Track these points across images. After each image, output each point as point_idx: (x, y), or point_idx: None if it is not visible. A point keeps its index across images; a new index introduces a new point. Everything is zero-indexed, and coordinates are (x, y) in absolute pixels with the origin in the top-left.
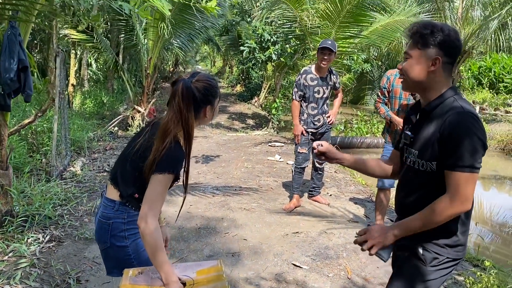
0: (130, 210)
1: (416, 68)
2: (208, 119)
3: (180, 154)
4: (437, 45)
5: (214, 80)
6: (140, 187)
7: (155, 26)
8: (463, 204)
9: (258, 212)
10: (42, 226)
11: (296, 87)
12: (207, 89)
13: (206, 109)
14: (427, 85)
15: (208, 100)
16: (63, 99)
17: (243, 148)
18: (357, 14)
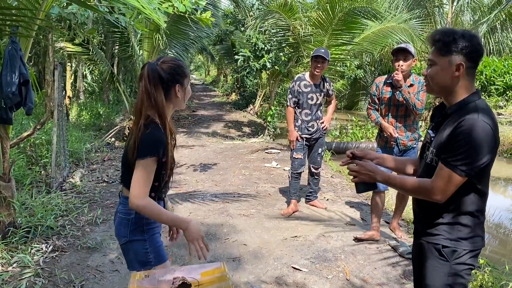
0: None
1: (441, 74)
2: (181, 99)
3: (158, 135)
4: (460, 51)
5: (180, 61)
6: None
7: (150, 37)
8: (437, 196)
9: (257, 218)
10: (45, 236)
11: (291, 94)
12: (173, 69)
13: (175, 88)
14: (451, 90)
15: (175, 79)
16: (61, 111)
17: (240, 155)
18: (349, 21)
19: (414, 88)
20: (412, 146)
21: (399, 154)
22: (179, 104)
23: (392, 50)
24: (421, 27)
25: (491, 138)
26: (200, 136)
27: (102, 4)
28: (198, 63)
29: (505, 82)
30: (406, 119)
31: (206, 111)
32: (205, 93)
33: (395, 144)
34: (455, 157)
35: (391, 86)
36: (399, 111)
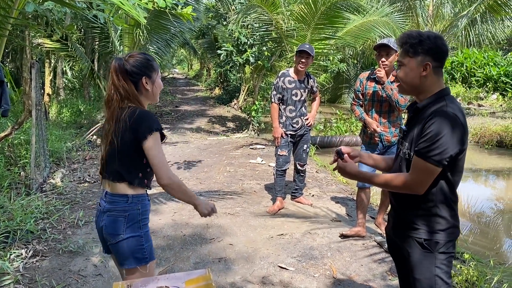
0: (143, 201)
1: (410, 74)
2: (151, 92)
3: (147, 112)
4: (426, 52)
5: (147, 55)
6: (138, 166)
7: (130, 33)
8: (413, 188)
9: (243, 216)
10: (25, 241)
11: (275, 90)
12: (139, 62)
13: (143, 81)
14: (421, 89)
15: (142, 72)
16: (39, 110)
17: (225, 152)
18: (331, 15)
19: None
20: (396, 142)
21: (383, 150)
22: (150, 97)
23: (374, 46)
24: (402, 20)
25: (461, 129)
26: (184, 132)
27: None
28: (181, 57)
29: (485, 74)
30: (390, 115)
31: (189, 106)
32: (188, 87)
33: (379, 140)
34: (427, 148)
35: (374, 81)
36: (383, 106)
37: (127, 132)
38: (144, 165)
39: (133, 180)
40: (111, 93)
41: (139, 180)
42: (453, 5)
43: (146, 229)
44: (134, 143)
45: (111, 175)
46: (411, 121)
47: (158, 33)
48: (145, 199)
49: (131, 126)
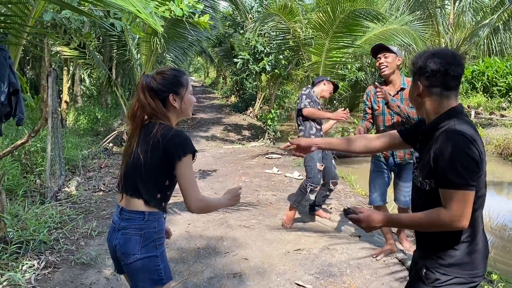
0: (160, 219)
1: (410, 95)
2: (179, 108)
3: (182, 132)
4: (417, 72)
5: (175, 71)
6: (159, 187)
7: (147, 41)
8: (454, 222)
9: (258, 229)
10: (37, 251)
11: (309, 98)
12: (166, 79)
13: (170, 98)
14: (423, 110)
15: (168, 89)
16: (56, 118)
17: (240, 161)
18: (350, 23)
19: (406, 92)
20: (408, 160)
21: (395, 169)
22: (180, 113)
23: (371, 50)
24: (423, 29)
25: (475, 144)
26: (199, 140)
27: (98, 9)
28: (197, 65)
29: (507, 83)
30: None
31: (205, 114)
32: (204, 95)
33: (390, 155)
34: (452, 176)
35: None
36: (395, 118)
37: (158, 151)
38: (165, 187)
39: (150, 200)
40: (135, 109)
41: (156, 201)
42: (475, 13)
43: (162, 249)
44: (164, 163)
45: (129, 190)
46: (422, 146)
47: (175, 41)
48: (162, 217)
49: (165, 145)
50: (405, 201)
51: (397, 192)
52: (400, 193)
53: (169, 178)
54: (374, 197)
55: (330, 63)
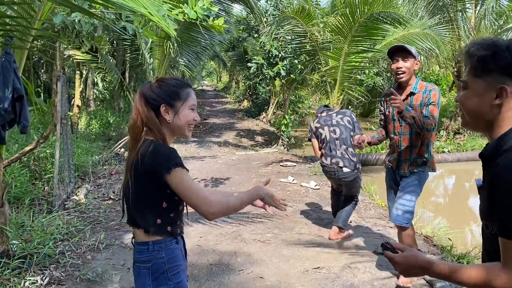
0: (167, 247)
1: (474, 100)
2: (171, 122)
3: (163, 145)
4: (502, 70)
5: (176, 81)
6: (156, 211)
7: (160, 45)
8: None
9: (274, 244)
10: (42, 266)
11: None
12: (161, 87)
13: (161, 108)
14: (490, 123)
15: (161, 98)
16: (65, 123)
17: (254, 168)
18: (370, 27)
19: (417, 98)
20: (412, 171)
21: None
22: (173, 130)
23: (388, 50)
24: (444, 33)
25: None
26: (211, 146)
27: (109, 11)
28: (210, 69)
29: None
30: (412, 137)
31: (217, 119)
32: (217, 99)
33: (397, 164)
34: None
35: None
36: (403, 126)
37: (140, 173)
38: (164, 210)
39: (149, 228)
40: (135, 118)
41: (157, 228)
42: (497, 17)
43: (179, 279)
44: (150, 185)
45: (129, 219)
46: (484, 173)
47: (189, 45)
48: (171, 243)
49: (145, 165)
50: (396, 215)
51: (393, 207)
52: (395, 208)
53: (165, 199)
54: (391, 214)
55: (348, 68)
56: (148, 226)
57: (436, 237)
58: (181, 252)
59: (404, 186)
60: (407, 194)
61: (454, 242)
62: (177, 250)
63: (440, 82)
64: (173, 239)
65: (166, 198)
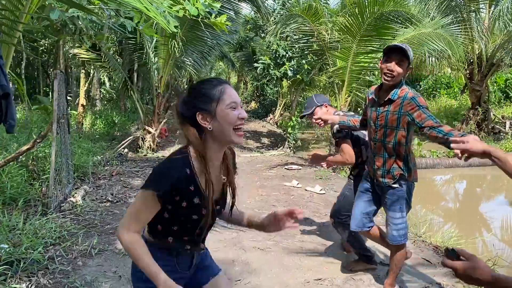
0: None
1: None
2: (215, 129)
3: (168, 168)
4: None
5: (204, 81)
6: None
7: (165, 44)
8: None
9: (275, 253)
10: (29, 272)
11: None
12: (191, 96)
13: (198, 118)
14: None
15: (194, 107)
16: (63, 123)
17: (258, 172)
18: (380, 26)
19: (396, 104)
20: (390, 184)
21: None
22: (217, 137)
23: (384, 48)
24: (457, 33)
25: None
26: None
27: (109, 8)
28: (219, 70)
29: None
30: (386, 146)
31: None
32: None
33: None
34: None
35: (373, 100)
36: (378, 133)
37: None
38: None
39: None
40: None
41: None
42: None
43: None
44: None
45: None
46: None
47: (194, 45)
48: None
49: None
50: (393, 236)
51: (387, 225)
52: (388, 226)
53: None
54: (351, 221)
55: (357, 69)
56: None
57: (445, 247)
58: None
59: (389, 205)
60: (395, 213)
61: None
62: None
63: (452, 85)
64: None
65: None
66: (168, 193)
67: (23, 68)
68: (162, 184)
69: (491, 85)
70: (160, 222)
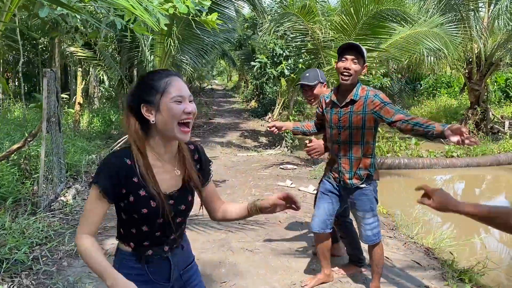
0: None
1: None
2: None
3: (109, 162)
4: None
5: (152, 72)
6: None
7: (161, 42)
8: None
9: (263, 254)
10: (13, 273)
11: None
12: (136, 87)
13: (143, 109)
14: None
15: (138, 98)
16: (53, 122)
17: (252, 171)
18: (375, 25)
19: (359, 105)
20: (356, 185)
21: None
22: (160, 131)
23: (338, 48)
24: (454, 32)
25: None
26: (214, 146)
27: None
28: (221, 69)
29: None
30: (352, 147)
31: (223, 119)
32: (225, 99)
33: (338, 175)
34: None
35: (332, 103)
36: (342, 134)
37: None
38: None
39: (118, 236)
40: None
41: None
42: None
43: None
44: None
45: None
46: None
47: (190, 43)
48: (127, 259)
49: None
50: (368, 236)
51: (358, 226)
52: (361, 227)
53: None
54: (314, 222)
55: None
56: (117, 233)
57: (437, 249)
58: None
59: (359, 206)
60: (366, 213)
61: (459, 255)
62: (136, 270)
63: (452, 84)
64: (133, 257)
65: (123, 210)
66: (110, 186)
67: (20, 66)
68: (103, 176)
69: (491, 85)
70: (121, 225)
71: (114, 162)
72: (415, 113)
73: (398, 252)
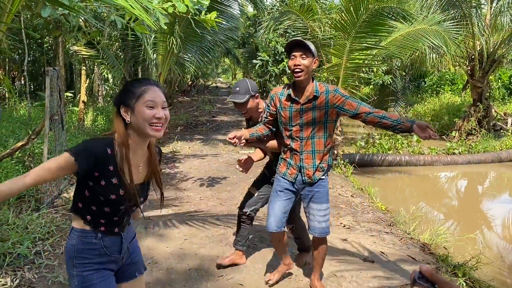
0: (84, 238)
1: None
2: (130, 122)
3: (93, 145)
4: None
5: (133, 80)
6: (79, 194)
7: (163, 41)
8: None
9: (260, 249)
10: (15, 266)
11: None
12: (120, 90)
13: (121, 110)
14: None
15: (118, 100)
16: (56, 120)
17: (253, 168)
18: (375, 23)
19: (321, 100)
20: (319, 178)
21: (302, 187)
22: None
23: (285, 46)
24: (456, 30)
25: None
26: (217, 143)
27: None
28: (225, 67)
29: None
30: (314, 142)
31: (226, 117)
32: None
33: (297, 171)
34: None
35: (291, 100)
36: (304, 131)
37: None
38: (87, 198)
39: (73, 209)
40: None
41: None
42: None
43: (83, 269)
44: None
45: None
46: None
47: (193, 41)
48: (88, 237)
49: None
50: (323, 228)
51: (310, 219)
52: (315, 219)
53: (88, 188)
54: (270, 222)
55: (351, 66)
56: (73, 208)
57: (433, 244)
58: (103, 250)
59: (317, 198)
60: (323, 205)
61: (455, 250)
62: (93, 245)
63: (456, 81)
64: (92, 233)
65: (89, 188)
66: (86, 165)
67: (26, 65)
68: (83, 155)
69: (495, 82)
70: (81, 199)
71: (97, 151)
72: (418, 111)
73: (394, 247)
